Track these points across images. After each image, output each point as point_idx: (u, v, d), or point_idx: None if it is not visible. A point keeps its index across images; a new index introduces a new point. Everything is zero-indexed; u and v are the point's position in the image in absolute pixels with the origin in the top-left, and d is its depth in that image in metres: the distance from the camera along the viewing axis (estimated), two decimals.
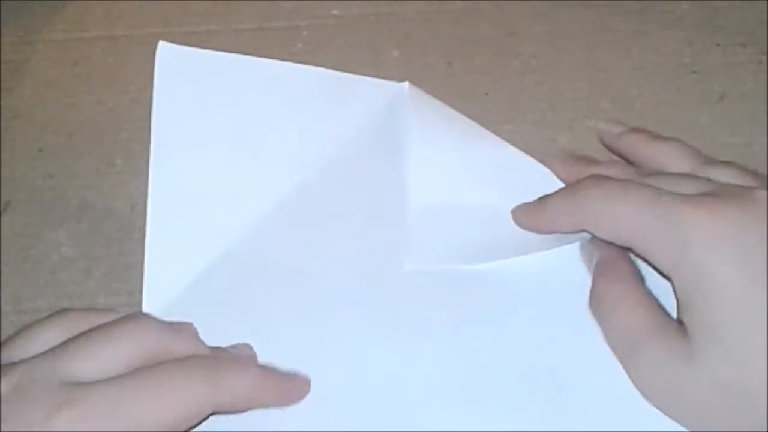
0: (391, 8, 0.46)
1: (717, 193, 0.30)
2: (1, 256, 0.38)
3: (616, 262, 0.33)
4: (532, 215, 0.35)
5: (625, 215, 0.31)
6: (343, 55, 0.44)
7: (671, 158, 0.34)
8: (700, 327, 0.29)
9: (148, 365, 0.30)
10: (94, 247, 0.39)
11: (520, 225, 0.36)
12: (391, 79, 0.42)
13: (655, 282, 0.33)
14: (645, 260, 0.32)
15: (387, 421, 0.32)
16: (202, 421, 0.30)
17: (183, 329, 0.32)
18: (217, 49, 0.44)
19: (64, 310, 0.32)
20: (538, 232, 0.35)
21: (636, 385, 0.31)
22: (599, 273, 0.34)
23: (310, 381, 0.33)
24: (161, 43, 0.39)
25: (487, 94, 0.43)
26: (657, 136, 0.36)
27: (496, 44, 0.44)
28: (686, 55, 0.44)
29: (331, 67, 0.43)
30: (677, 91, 0.42)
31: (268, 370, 0.32)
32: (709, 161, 0.34)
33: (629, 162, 0.36)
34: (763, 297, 0.28)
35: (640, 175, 0.34)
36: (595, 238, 0.34)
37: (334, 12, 0.46)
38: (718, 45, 0.44)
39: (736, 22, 0.44)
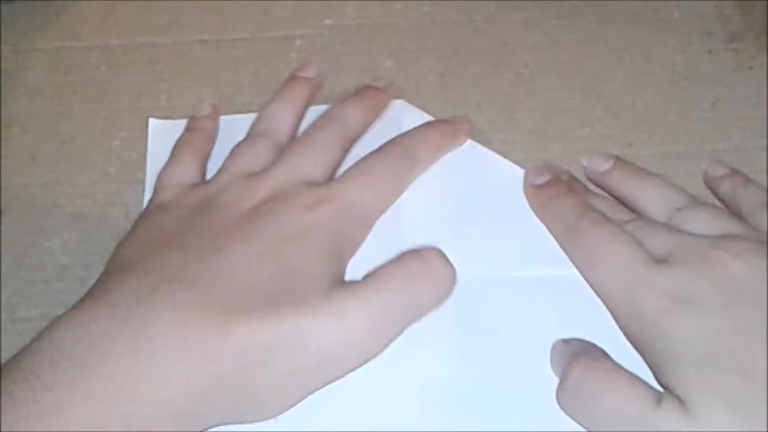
0: (384, 19, 0.46)
1: (680, 257, 0.32)
2: None
3: (587, 348, 0.33)
4: (538, 206, 0.38)
5: (600, 281, 0.34)
6: (336, 64, 0.44)
7: (651, 202, 0.37)
8: (681, 389, 0.29)
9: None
10: (88, 255, 0.39)
11: (526, 194, 0.38)
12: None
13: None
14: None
15: (386, 423, 0.32)
16: None
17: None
18: (210, 59, 0.44)
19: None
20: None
21: None
22: (571, 362, 0.32)
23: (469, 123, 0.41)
24: (151, 120, 0.41)
25: (479, 104, 0.43)
26: (640, 174, 0.38)
27: (488, 55, 0.45)
28: (678, 62, 0.44)
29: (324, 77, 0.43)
30: (670, 98, 0.42)
31: (434, 123, 0.40)
32: (687, 204, 0.36)
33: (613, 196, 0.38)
34: (728, 353, 0.29)
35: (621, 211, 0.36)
36: (567, 340, 0.34)
37: (328, 22, 0.46)
38: (710, 51, 0.44)
39: (727, 28, 0.45)
